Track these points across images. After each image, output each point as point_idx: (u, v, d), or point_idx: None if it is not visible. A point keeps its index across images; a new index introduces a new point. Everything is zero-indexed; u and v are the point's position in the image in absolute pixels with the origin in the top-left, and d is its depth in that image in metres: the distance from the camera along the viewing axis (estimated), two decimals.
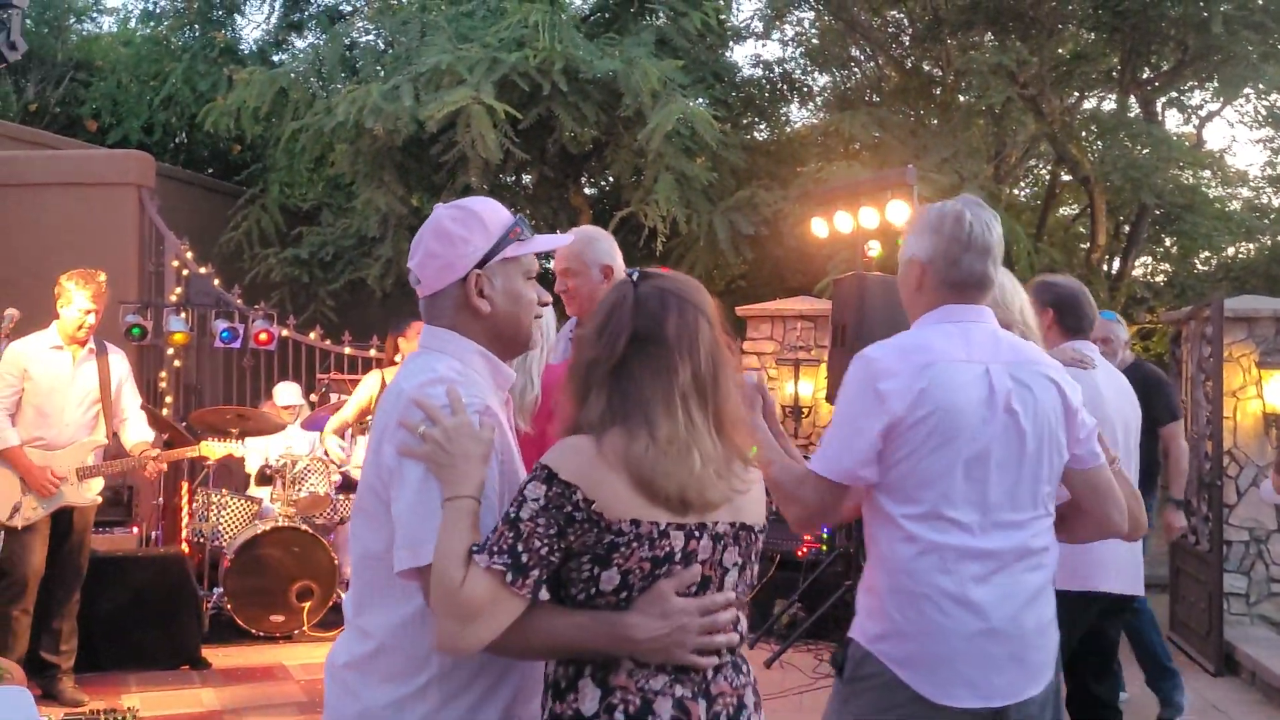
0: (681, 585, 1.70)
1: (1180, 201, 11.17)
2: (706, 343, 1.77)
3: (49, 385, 5.21)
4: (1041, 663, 2.28)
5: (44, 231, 8.93)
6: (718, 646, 1.73)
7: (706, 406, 1.75)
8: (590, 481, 1.67)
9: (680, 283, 1.81)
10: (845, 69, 12.93)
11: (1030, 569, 2.27)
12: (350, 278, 10.76)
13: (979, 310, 2.39)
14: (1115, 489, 2.38)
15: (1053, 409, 2.31)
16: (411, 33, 10.21)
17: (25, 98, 13.25)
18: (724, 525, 1.75)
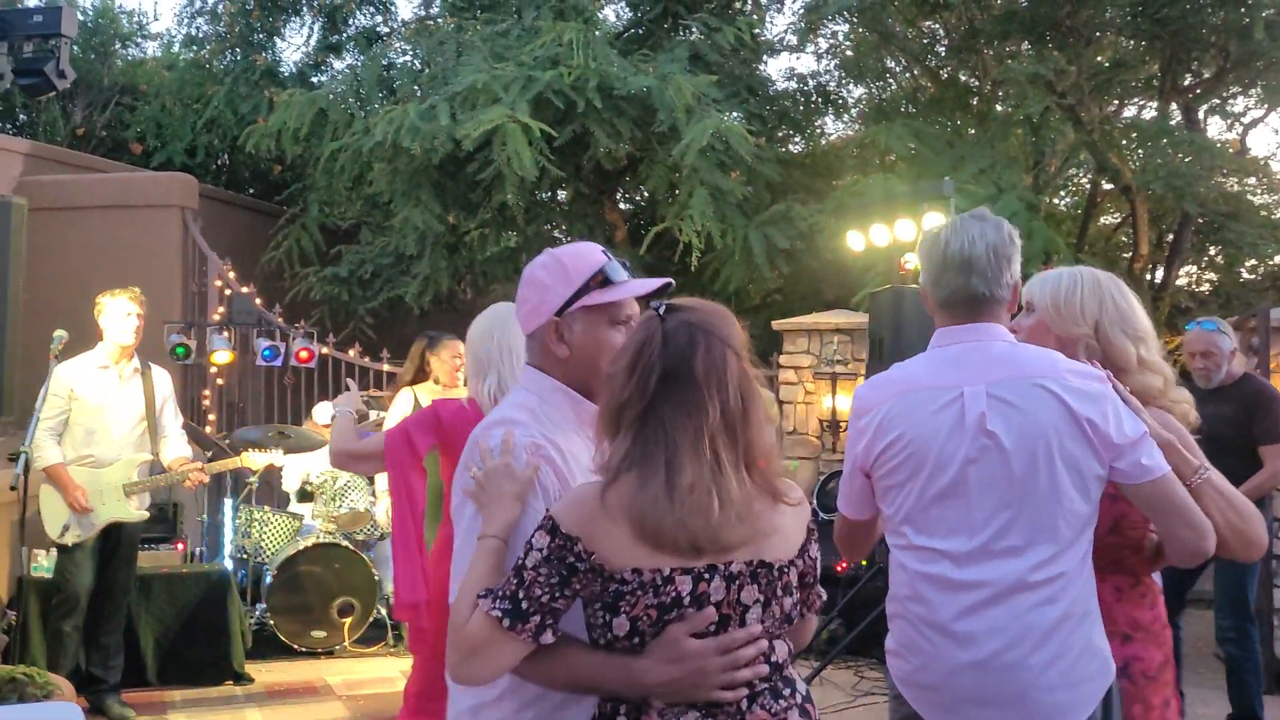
0: (695, 628, 1.70)
1: (1224, 209, 11.00)
2: (735, 377, 1.76)
3: (96, 404, 5.31)
4: (1057, 704, 2.14)
5: (91, 253, 9.10)
6: (741, 682, 1.72)
7: (736, 444, 1.74)
8: (590, 534, 1.69)
9: (706, 314, 1.81)
10: (880, 80, 12.90)
11: (1038, 604, 2.15)
12: (389, 295, 10.85)
13: (975, 329, 2.32)
14: (1184, 504, 2.16)
15: (1051, 423, 2.17)
16: (448, 53, 10.31)
17: (73, 122, 13.51)
18: (739, 565, 1.73)
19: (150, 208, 9.47)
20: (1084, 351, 2.45)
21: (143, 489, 5.44)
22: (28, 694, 4.03)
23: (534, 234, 11.43)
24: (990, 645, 2.15)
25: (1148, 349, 2.47)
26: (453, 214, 11.11)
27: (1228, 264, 13.28)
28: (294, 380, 8.77)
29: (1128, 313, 2.48)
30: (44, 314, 5.50)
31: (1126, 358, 2.44)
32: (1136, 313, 2.49)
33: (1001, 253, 2.35)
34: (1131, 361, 2.44)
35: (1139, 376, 2.43)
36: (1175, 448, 2.25)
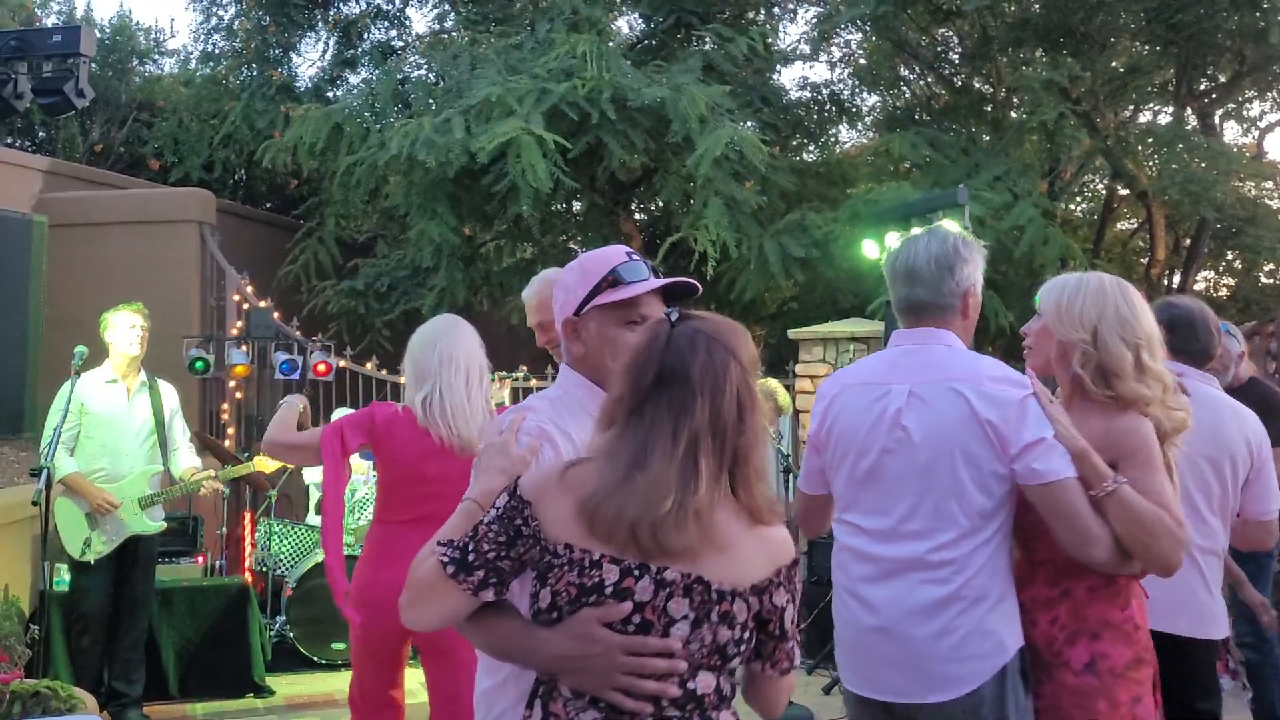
0: (606, 617, 1.69)
1: (1241, 214, 10.96)
2: (734, 384, 1.75)
3: (107, 418, 5.34)
4: (945, 675, 2.35)
5: (110, 269, 9.16)
6: (644, 691, 1.69)
7: (723, 450, 1.73)
8: (540, 501, 1.74)
9: (717, 325, 1.81)
10: (894, 88, 12.91)
11: (927, 582, 2.38)
12: (405, 308, 10.89)
13: (919, 333, 2.55)
14: (1073, 512, 2.30)
15: (957, 422, 2.38)
16: (462, 66, 10.37)
17: (91, 139, 13.62)
18: (674, 573, 1.69)
19: (168, 223, 9.53)
20: (1079, 358, 2.49)
21: (157, 501, 5.47)
22: (51, 708, 4.06)
23: (549, 245, 11.47)
24: (889, 613, 2.41)
25: (1151, 355, 2.47)
26: (468, 226, 11.15)
27: (1245, 268, 13.22)
28: (312, 393, 8.80)
29: (1129, 319, 2.49)
30: (64, 330, 5.54)
31: (1122, 364, 2.45)
32: (1141, 320, 2.50)
33: (943, 263, 2.54)
34: (1126, 368, 2.45)
35: (1132, 384, 2.44)
36: (1086, 458, 2.34)
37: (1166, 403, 2.47)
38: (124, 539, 5.35)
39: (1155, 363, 2.48)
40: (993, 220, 9.20)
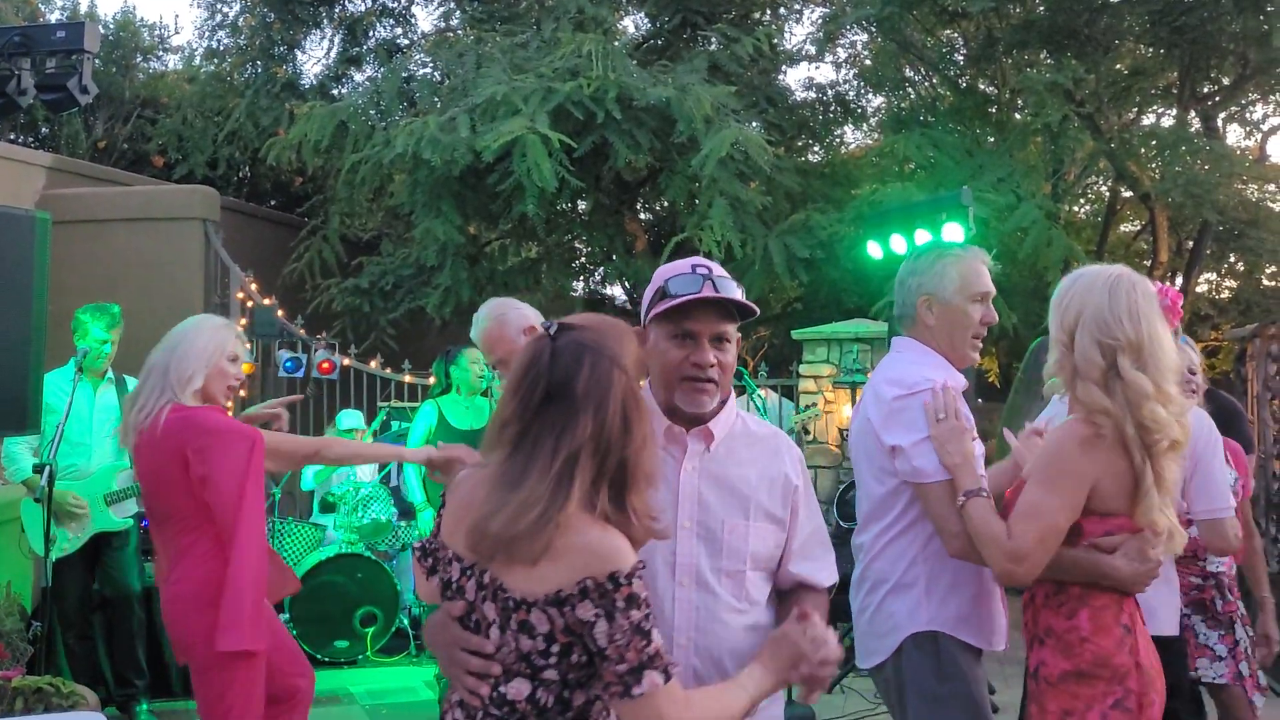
0: (449, 612, 1.81)
1: (1243, 217, 10.95)
2: (619, 395, 1.73)
3: (75, 415, 5.32)
4: (865, 647, 2.68)
5: (113, 266, 9.17)
6: (463, 684, 1.76)
7: (605, 461, 1.72)
8: (448, 496, 1.89)
9: (599, 333, 1.78)
10: (899, 90, 12.89)
11: (861, 562, 2.70)
12: (410, 306, 10.90)
13: (893, 340, 2.86)
14: (937, 513, 2.50)
15: (861, 420, 2.69)
16: (467, 65, 10.37)
17: (94, 135, 13.64)
18: (487, 577, 1.74)
19: (172, 220, 9.54)
20: (1053, 364, 2.44)
21: (125, 497, 5.45)
22: (53, 704, 4.07)
23: (554, 244, 11.48)
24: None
25: (1133, 361, 2.32)
26: (473, 225, 11.16)
27: (1248, 271, 13.21)
28: (316, 391, 8.81)
29: (1106, 318, 2.34)
30: (66, 328, 5.53)
31: (1090, 367, 2.34)
32: (1122, 320, 2.34)
33: (903, 279, 2.78)
34: (1095, 372, 2.33)
35: (1092, 389, 2.33)
36: (955, 471, 2.47)
37: (1144, 414, 2.30)
38: (90, 536, 5.34)
39: (1136, 371, 2.30)
40: (996, 222, 9.20)
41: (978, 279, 2.75)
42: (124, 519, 5.47)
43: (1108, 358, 2.32)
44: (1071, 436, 2.35)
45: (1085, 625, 2.35)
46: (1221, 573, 3.57)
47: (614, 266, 11.44)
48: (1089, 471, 2.32)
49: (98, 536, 5.36)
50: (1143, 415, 2.29)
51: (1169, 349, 2.38)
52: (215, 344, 3.50)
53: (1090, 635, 2.34)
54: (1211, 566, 3.55)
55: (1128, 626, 2.35)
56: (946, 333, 2.73)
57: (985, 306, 2.76)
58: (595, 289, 13.72)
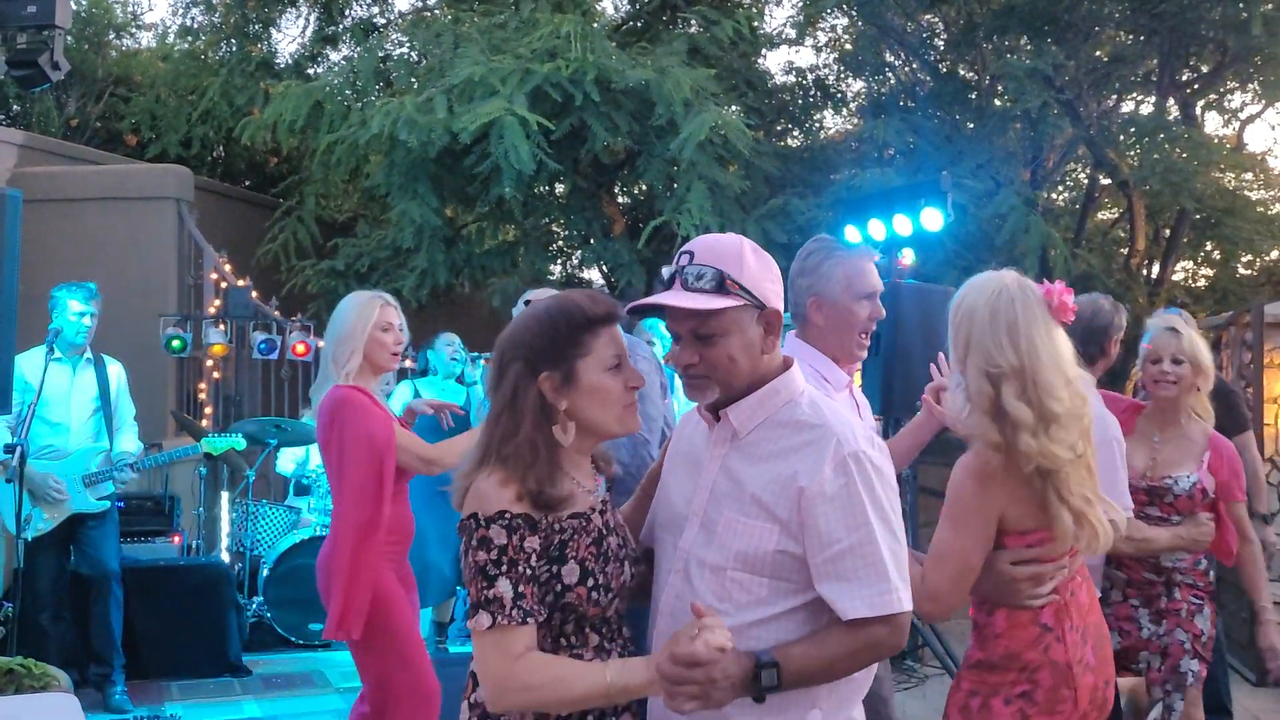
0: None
1: (1221, 205, 11.02)
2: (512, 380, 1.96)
3: (52, 395, 5.26)
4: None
5: (85, 245, 9.07)
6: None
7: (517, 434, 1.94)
8: None
9: (518, 322, 2.00)
10: (879, 74, 12.88)
11: None
12: (386, 289, 10.80)
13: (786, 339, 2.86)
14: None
15: None
16: (444, 45, 10.28)
17: (66, 113, 13.47)
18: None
19: (145, 200, 9.44)
20: (952, 389, 2.41)
21: (102, 479, 5.40)
22: (24, 685, 4.02)
23: (532, 227, 11.42)
24: None
25: (1017, 389, 2.27)
26: (450, 207, 11.09)
27: (1224, 259, 13.31)
28: (290, 373, 8.75)
29: (988, 347, 2.30)
30: (38, 307, 5.47)
31: (980, 398, 2.30)
32: (1003, 346, 2.29)
33: (793, 279, 2.85)
34: (984, 402, 2.30)
35: (981, 420, 2.29)
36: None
37: (1022, 445, 2.26)
38: (66, 517, 5.29)
39: (1016, 401, 2.26)
40: (975, 208, 9.23)
41: (863, 278, 2.83)
42: (101, 501, 5.42)
43: (995, 386, 2.29)
44: (968, 474, 2.34)
45: (1000, 623, 2.41)
46: (1175, 569, 3.52)
47: (592, 249, 11.39)
48: (991, 506, 2.32)
49: (73, 517, 5.31)
50: (1025, 446, 2.26)
51: (1055, 356, 2.31)
52: (362, 320, 3.66)
53: (1003, 632, 2.40)
54: (1166, 562, 3.51)
55: (1047, 625, 2.37)
56: (835, 333, 2.81)
57: (873, 304, 2.83)
58: (573, 272, 13.67)
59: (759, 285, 1.96)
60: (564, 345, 1.93)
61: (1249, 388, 6.49)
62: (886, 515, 1.87)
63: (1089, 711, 2.40)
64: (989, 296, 2.34)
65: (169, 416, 8.49)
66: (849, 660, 1.87)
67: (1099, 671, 2.43)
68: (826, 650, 1.85)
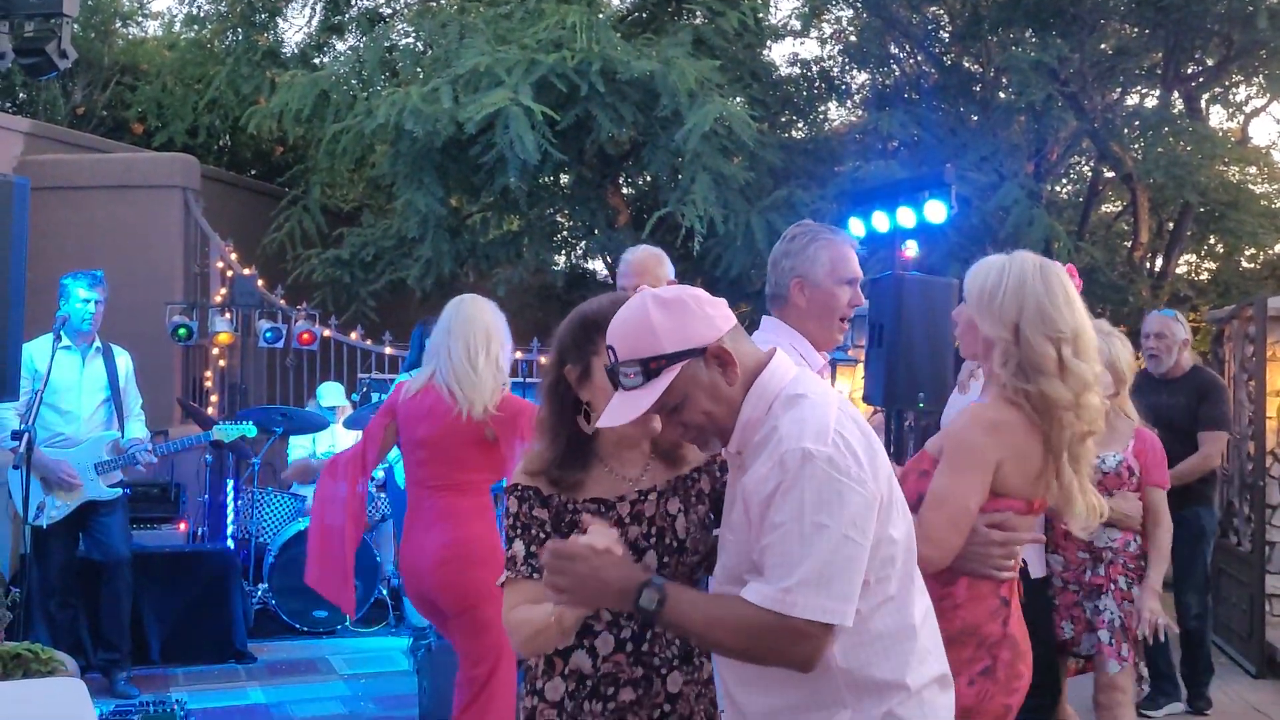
0: None
1: (1224, 199, 11.01)
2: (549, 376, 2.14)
3: (63, 384, 5.30)
4: None
5: (91, 233, 9.10)
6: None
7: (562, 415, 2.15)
8: None
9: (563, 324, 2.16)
10: (884, 67, 12.86)
11: None
12: (391, 278, 10.85)
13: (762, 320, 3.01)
14: None
15: None
16: (450, 35, 10.28)
17: (73, 101, 13.48)
18: None
19: (152, 188, 9.46)
20: (999, 357, 2.40)
21: (114, 468, 5.44)
22: (31, 670, 4.06)
23: (536, 218, 11.43)
24: None
25: (1075, 352, 2.36)
26: (455, 197, 11.10)
27: (1227, 253, 13.29)
28: (296, 362, 8.79)
29: (1050, 312, 2.36)
30: (43, 295, 5.50)
31: (1045, 361, 2.35)
32: (1062, 311, 2.37)
33: (776, 260, 2.92)
34: (1050, 365, 2.34)
35: (1055, 383, 2.34)
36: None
37: (1081, 404, 2.35)
38: (79, 504, 5.33)
39: (1076, 360, 2.35)
40: (978, 200, 9.23)
41: (846, 264, 2.87)
42: (113, 489, 5.46)
43: (1056, 349, 2.35)
44: (977, 421, 2.38)
45: (960, 593, 2.39)
46: (1106, 548, 3.71)
47: (596, 240, 11.41)
48: (993, 454, 2.35)
49: (84, 504, 5.35)
50: (1082, 405, 2.34)
51: (1093, 335, 2.44)
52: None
53: (963, 603, 2.38)
54: (1099, 542, 3.70)
55: (1005, 599, 2.40)
56: (815, 315, 2.86)
57: (853, 290, 2.88)
58: (577, 263, 13.69)
59: (683, 336, 1.86)
60: (582, 341, 2.06)
61: (1251, 381, 6.51)
62: (817, 514, 1.74)
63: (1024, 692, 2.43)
64: (1034, 267, 2.42)
65: (175, 404, 8.52)
66: (731, 635, 1.79)
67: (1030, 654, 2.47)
68: (714, 611, 1.82)
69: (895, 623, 1.87)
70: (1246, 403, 6.54)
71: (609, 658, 2.07)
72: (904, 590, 1.90)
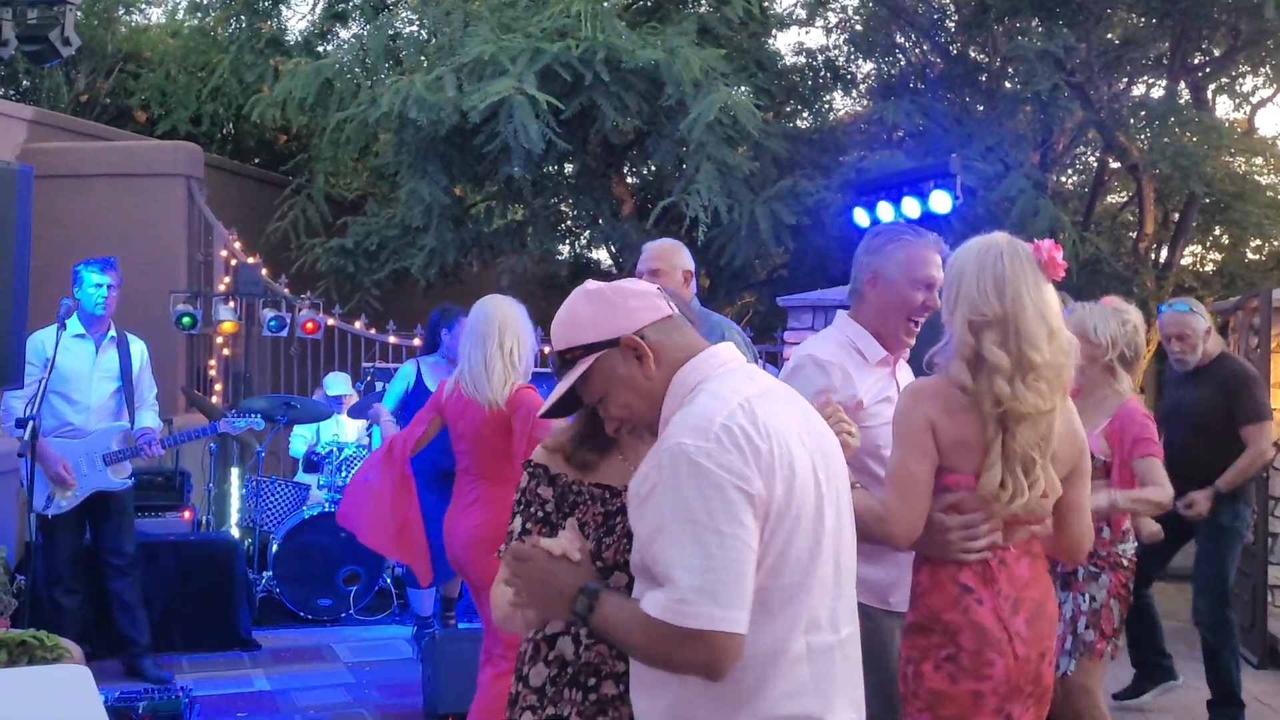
0: None
1: (1230, 189, 10.96)
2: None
3: (74, 373, 5.30)
4: None
5: (95, 222, 9.10)
6: None
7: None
8: None
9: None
10: (889, 56, 12.81)
11: None
12: (394, 267, 10.85)
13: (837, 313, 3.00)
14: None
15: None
16: (454, 23, 10.25)
17: (76, 89, 13.46)
18: None
19: (155, 176, 9.46)
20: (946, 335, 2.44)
21: (124, 458, 5.44)
22: (37, 657, 4.07)
23: (541, 207, 11.42)
24: None
25: (996, 336, 2.35)
26: (459, 186, 11.08)
27: (1233, 244, 13.25)
28: (299, 351, 8.79)
29: (976, 299, 2.37)
30: (47, 283, 5.51)
31: (963, 346, 2.38)
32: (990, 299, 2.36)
33: (858, 256, 2.91)
34: (966, 351, 2.38)
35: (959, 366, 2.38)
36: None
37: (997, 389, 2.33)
38: (89, 494, 5.33)
39: (994, 349, 2.34)
40: (984, 191, 9.20)
41: (923, 265, 2.81)
42: (123, 480, 5.46)
43: (976, 335, 2.37)
44: (905, 392, 2.51)
45: (924, 580, 2.46)
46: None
47: (600, 230, 11.39)
48: (920, 415, 2.39)
49: (94, 495, 5.35)
50: (999, 390, 2.34)
51: (1041, 308, 2.38)
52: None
53: (926, 590, 2.44)
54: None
55: (968, 587, 2.39)
56: (883, 312, 2.83)
57: (928, 294, 2.81)
58: (581, 252, 13.67)
59: (598, 328, 1.86)
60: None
61: None
62: (698, 514, 1.66)
63: (1023, 685, 2.39)
64: (978, 253, 2.43)
65: (179, 393, 8.54)
66: (642, 645, 1.72)
67: (1032, 644, 2.41)
68: (629, 621, 1.72)
69: (765, 645, 1.72)
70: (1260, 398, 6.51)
71: (592, 646, 2.02)
72: (787, 614, 1.73)
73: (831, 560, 1.78)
